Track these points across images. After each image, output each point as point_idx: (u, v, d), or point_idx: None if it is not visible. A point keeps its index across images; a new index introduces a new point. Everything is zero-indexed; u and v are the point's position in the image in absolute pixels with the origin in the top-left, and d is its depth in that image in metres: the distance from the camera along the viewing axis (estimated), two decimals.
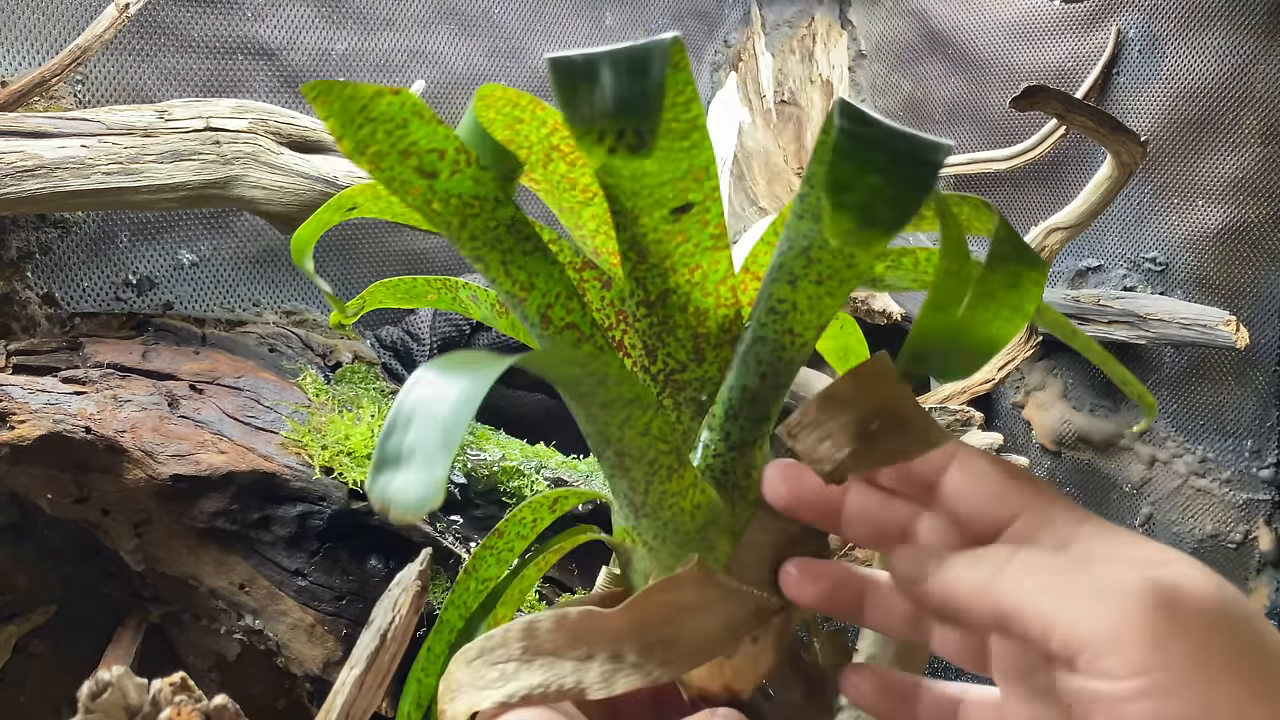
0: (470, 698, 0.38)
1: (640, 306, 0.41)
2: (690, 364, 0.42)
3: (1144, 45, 1.46)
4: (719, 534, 0.40)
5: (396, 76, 1.35)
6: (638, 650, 0.38)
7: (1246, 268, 1.43)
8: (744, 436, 0.41)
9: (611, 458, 0.39)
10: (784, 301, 0.39)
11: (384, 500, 0.28)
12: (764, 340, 0.39)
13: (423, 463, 0.28)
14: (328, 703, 0.67)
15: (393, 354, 1.27)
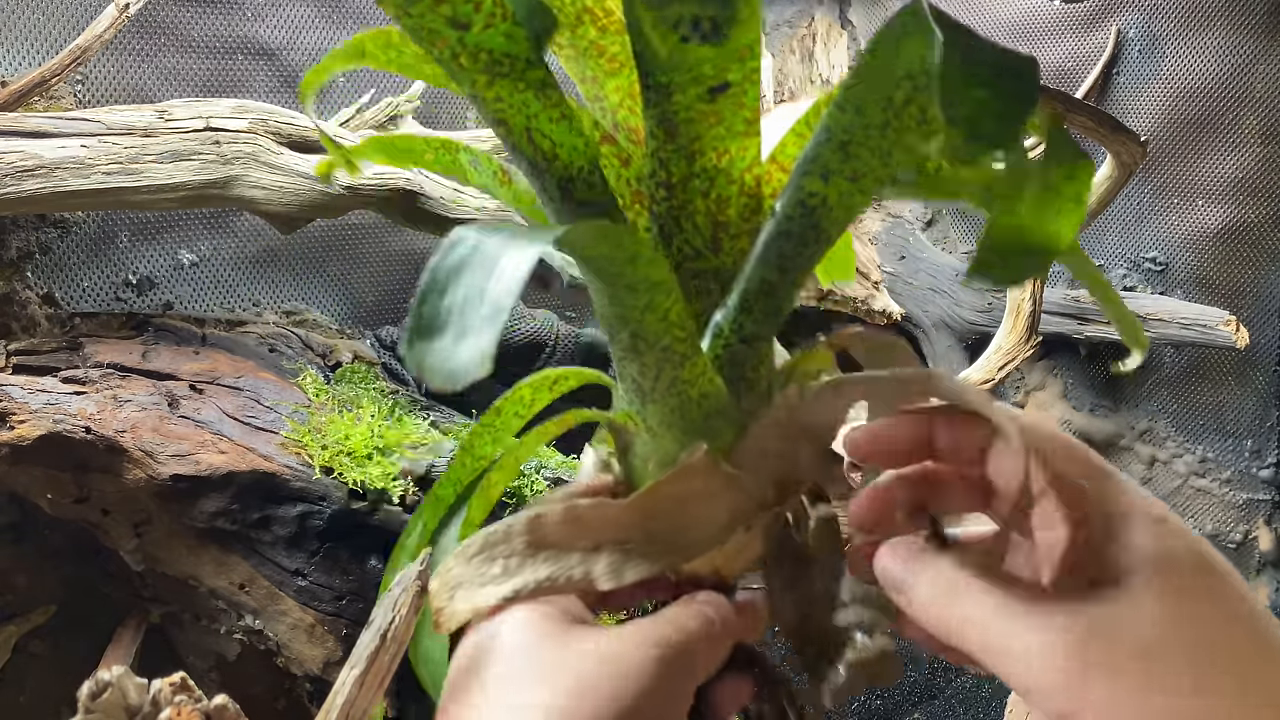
0: (471, 595, 0.37)
1: (660, 188, 0.39)
2: (706, 252, 0.40)
3: (1144, 45, 1.46)
4: (723, 424, 0.40)
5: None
6: (645, 540, 0.37)
7: (1246, 268, 1.43)
8: (756, 330, 0.39)
9: (626, 340, 0.38)
10: (815, 195, 0.37)
11: (422, 365, 0.26)
12: (789, 235, 0.37)
13: (470, 328, 0.26)
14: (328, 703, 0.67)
15: (393, 354, 1.27)
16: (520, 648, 0.35)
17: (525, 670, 0.34)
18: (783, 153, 0.42)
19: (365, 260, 1.37)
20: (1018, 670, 0.30)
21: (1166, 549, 0.31)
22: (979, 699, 1.50)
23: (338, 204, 1.03)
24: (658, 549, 0.37)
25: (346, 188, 1.02)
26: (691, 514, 0.38)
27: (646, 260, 0.34)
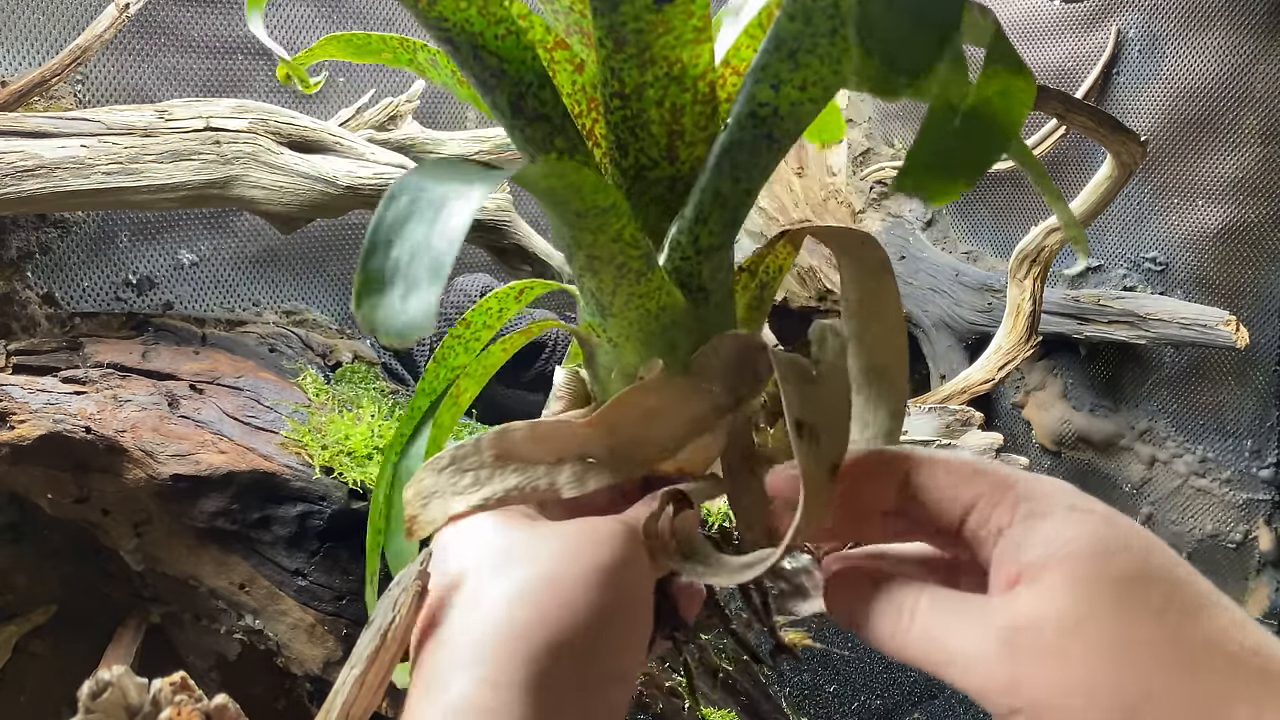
0: (443, 503, 0.39)
1: (614, 98, 0.38)
2: (662, 161, 0.40)
3: (1144, 45, 1.46)
4: (681, 334, 0.41)
5: (396, 76, 1.35)
6: (607, 452, 0.39)
7: (1246, 268, 1.43)
8: (713, 241, 0.40)
9: (582, 260, 0.39)
10: (765, 106, 0.36)
11: (371, 324, 0.26)
12: (741, 144, 0.37)
13: (414, 282, 0.26)
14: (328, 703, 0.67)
15: (393, 354, 1.27)
16: (496, 535, 0.36)
17: (503, 553, 0.35)
18: (736, 56, 0.42)
19: None
20: (963, 679, 0.32)
21: (1075, 539, 0.32)
22: None
23: (338, 204, 1.03)
24: (618, 459, 0.39)
25: (346, 188, 1.02)
26: (650, 426, 0.40)
27: (593, 188, 0.34)
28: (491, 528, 0.37)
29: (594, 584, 0.34)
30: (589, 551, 0.35)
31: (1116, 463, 1.59)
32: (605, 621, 0.34)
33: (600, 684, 0.34)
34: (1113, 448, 1.58)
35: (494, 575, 0.34)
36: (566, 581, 0.33)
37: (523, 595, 0.33)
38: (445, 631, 0.34)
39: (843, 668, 1.54)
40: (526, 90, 0.39)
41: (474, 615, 0.34)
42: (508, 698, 0.31)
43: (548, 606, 0.33)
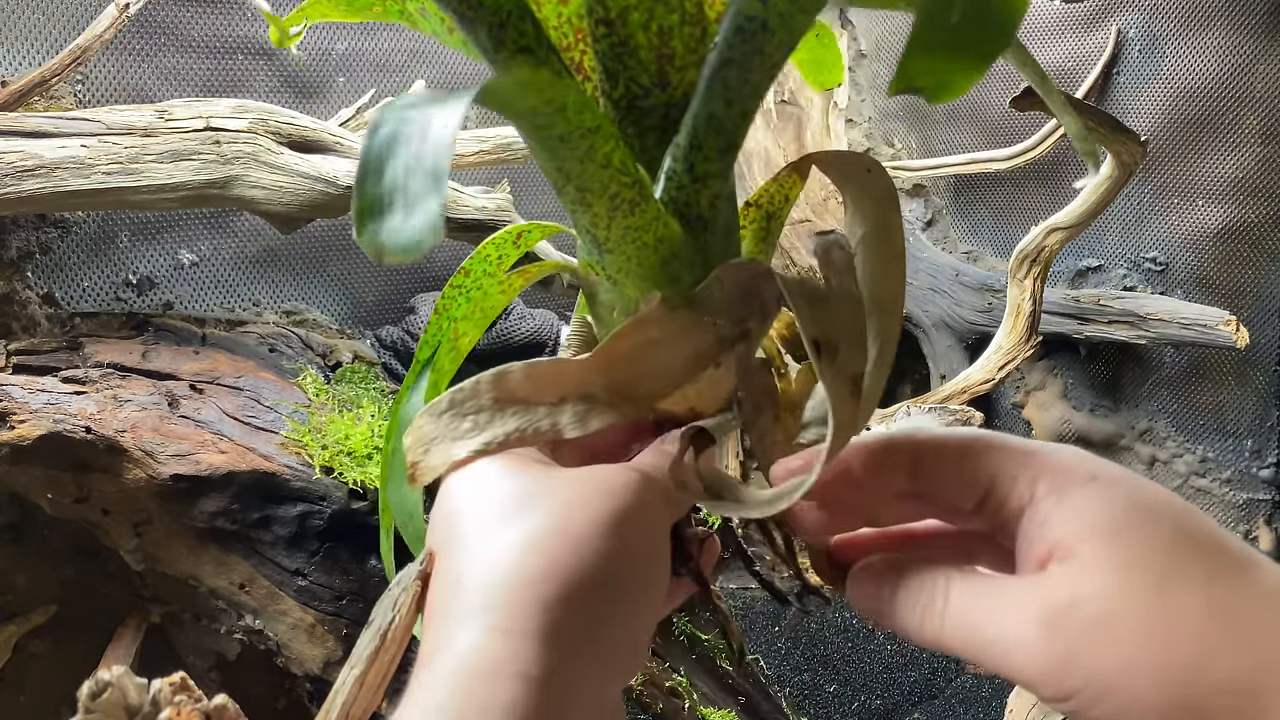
0: (445, 449, 0.38)
1: (600, 25, 0.37)
2: (654, 89, 0.39)
3: (1144, 45, 1.46)
4: (682, 266, 0.39)
5: (396, 76, 1.35)
6: (608, 389, 0.38)
7: (1246, 268, 1.43)
8: (708, 167, 0.38)
9: (572, 193, 0.37)
10: (753, 20, 0.34)
11: (376, 246, 0.26)
12: (731, 63, 0.35)
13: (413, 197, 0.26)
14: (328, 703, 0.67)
15: (393, 354, 1.27)
16: (502, 483, 0.35)
17: (511, 500, 0.34)
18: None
19: (365, 260, 1.37)
20: (1006, 664, 0.31)
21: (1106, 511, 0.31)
22: (979, 699, 1.50)
23: (338, 204, 1.03)
24: (621, 397, 0.38)
25: (346, 188, 1.02)
26: (651, 362, 0.38)
27: (576, 107, 0.32)
28: (499, 472, 0.35)
29: (606, 532, 0.33)
30: (601, 500, 0.34)
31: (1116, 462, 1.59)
32: (619, 570, 0.33)
33: (615, 632, 0.33)
34: (1113, 448, 1.58)
35: (503, 522, 0.33)
36: (578, 530, 0.32)
37: (534, 543, 0.32)
38: (453, 575, 0.33)
39: (843, 668, 1.54)
40: (506, 20, 0.37)
41: (483, 562, 0.32)
42: (520, 646, 0.30)
43: (559, 555, 0.32)
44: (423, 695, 0.31)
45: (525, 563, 0.32)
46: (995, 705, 1.44)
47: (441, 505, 0.36)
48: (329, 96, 1.29)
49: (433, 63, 1.40)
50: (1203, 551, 0.30)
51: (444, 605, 0.33)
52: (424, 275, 1.42)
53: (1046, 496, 0.32)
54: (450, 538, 0.35)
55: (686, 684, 0.98)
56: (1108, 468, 0.33)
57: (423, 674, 0.32)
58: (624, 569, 0.33)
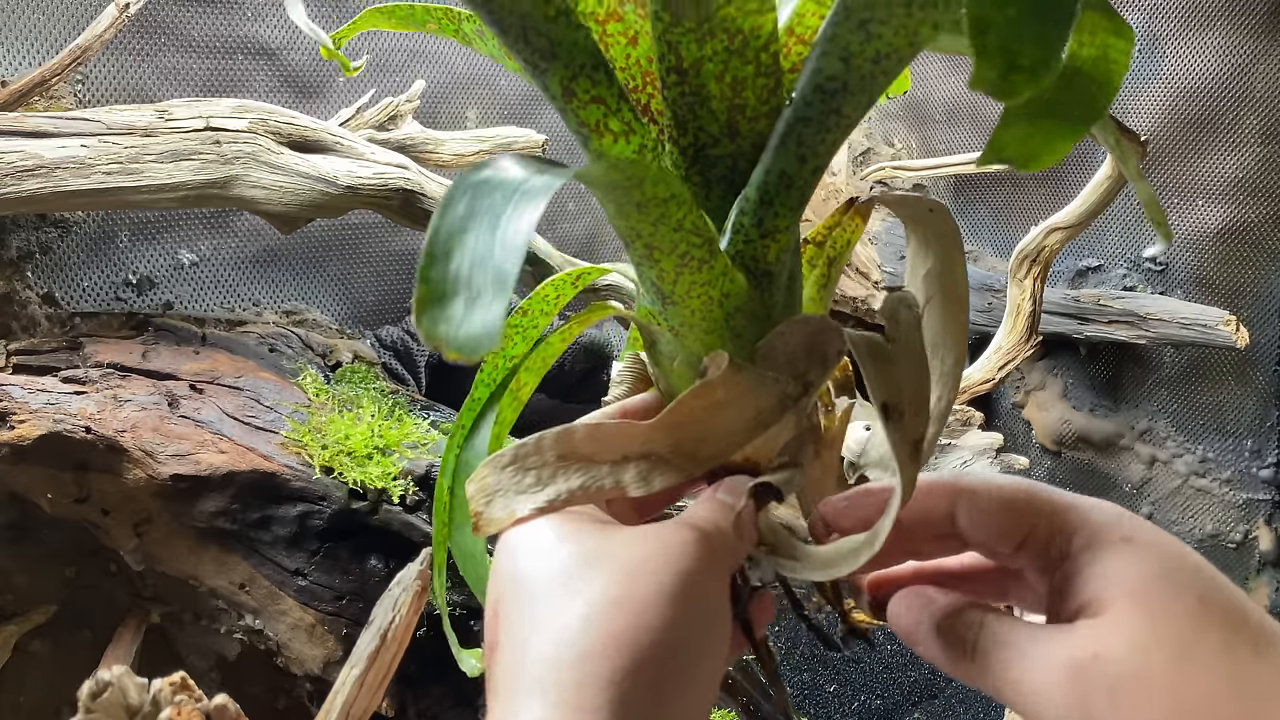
0: (508, 502, 0.38)
1: (671, 73, 0.36)
2: (723, 138, 0.38)
3: (1144, 45, 1.46)
4: (745, 320, 0.39)
5: (396, 76, 1.35)
6: (672, 450, 0.38)
7: (1246, 268, 1.43)
8: (778, 223, 0.38)
9: (641, 249, 0.37)
10: (834, 79, 0.34)
11: (436, 340, 0.25)
12: (808, 121, 0.35)
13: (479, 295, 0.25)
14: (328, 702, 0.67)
15: (393, 354, 1.27)
16: (565, 544, 0.35)
17: (574, 564, 0.34)
18: (800, 24, 0.40)
19: (365, 260, 1.37)
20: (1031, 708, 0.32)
21: (1137, 574, 0.33)
22: (979, 699, 1.50)
23: (338, 204, 1.03)
24: (684, 457, 0.38)
25: (346, 188, 1.02)
26: (716, 422, 0.38)
27: (655, 179, 0.33)
28: (560, 534, 0.35)
29: (670, 599, 0.33)
30: (663, 564, 0.33)
31: (1116, 463, 1.58)
32: (684, 635, 0.33)
33: (684, 697, 0.33)
34: (1113, 448, 1.58)
35: (566, 590, 0.33)
36: (641, 598, 0.32)
37: (597, 615, 0.32)
38: (518, 642, 0.33)
39: (843, 668, 1.54)
40: (579, 72, 0.37)
41: (548, 633, 0.32)
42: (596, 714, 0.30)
43: (624, 627, 0.32)
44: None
45: (590, 636, 0.31)
46: (995, 705, 1.44)
47: (503, 565, 0.36)
48: (329, 96, 1.29)
49: (433, 62, 1.40)
50: (1225, 623, 0.31)
51: (511, 675, 0.33)
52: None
53: (1082, 553, 0.34)
54: (514, 602, 0.34)
55: None
56: (1143, 530, 0.34)
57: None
58: (688, 634, 0.33)
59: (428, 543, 0.91)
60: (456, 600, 0.94)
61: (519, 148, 1.28)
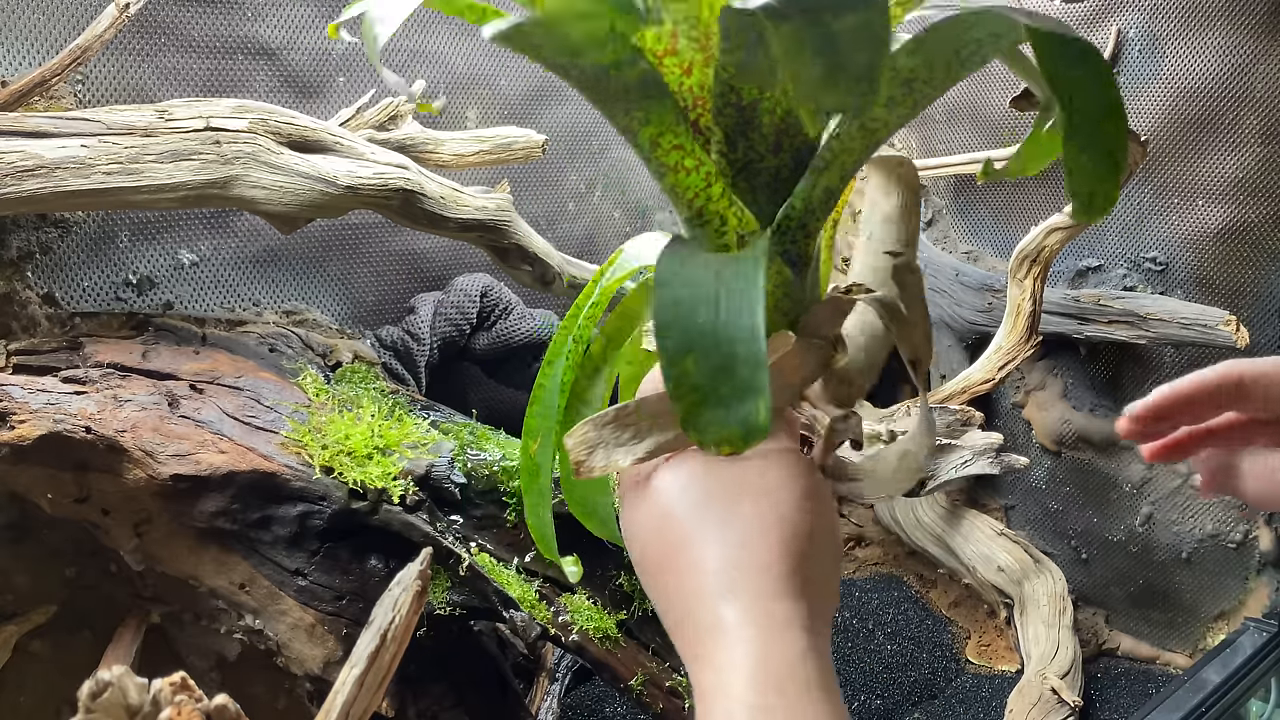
0: (609, 454, 0.46)
1: (728, 107, 0.45)
2: (768, 155, 0.48)
3: (1144, 45, 1.46)
4: (788, 300, 0.50)
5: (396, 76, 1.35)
6: None
7: (1246, 268, 1.43)
8: (818, 225, 0.49)
9: None
10: (876, 120, 0.44)
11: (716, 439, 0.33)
12: (850, 151, 0.46)
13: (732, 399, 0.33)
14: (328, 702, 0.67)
15: (393, 354, 1.27)
16: (709, 479, 0.43)
17: (722, 493, 0.42)
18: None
19: (365, 260, 1.37)
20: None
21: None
22: (979, 699, 1.50)
23: (338, 204, 1.03)
24: None
25: (346, 188, 1.02)
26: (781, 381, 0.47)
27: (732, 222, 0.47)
28: (697, 475, 0.43)
29: (803, 509, 0.42)
30: (793, 482, 0.43)
31: (1116, 462, 1.58)
32: (819, 529, 0.42)
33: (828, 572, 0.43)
34: (1113, 448, 1.58)
35: (727, 516, 0.41)
36: (787, 514, 0.41)
37: (760, 533, 0.40)
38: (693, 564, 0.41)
39: (843, 667, 1.53)
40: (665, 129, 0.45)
41: (722, 552, 0.40)
42: (791, 608, 0.39)
43: (782, 537, 0.41)
44: (730, 653, 0.38)
45: (763, 548, 0.40)
46: (995, 705, 1.44)
47: (655, 505, 0.44)
48: (329, 96, 1.29)
49: (433, 63, 1.40)
50: None
51: (695, 587, 0.40)
52: (423, 275, 1.42)
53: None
54: (675, 531, 0.42)
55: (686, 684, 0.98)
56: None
57: (708, 642, 0.39)
58: (820, 527, 0.42)
59: (428, 543, 0.91)
60: (457, 600, 0.94)
61: (519, 148, 1.28)
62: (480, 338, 1.38)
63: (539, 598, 0.94)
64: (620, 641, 0.96)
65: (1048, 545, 1.66)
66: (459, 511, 0.97)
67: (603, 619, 0.96)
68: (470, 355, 1.40)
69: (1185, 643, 1.57)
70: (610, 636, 0.95)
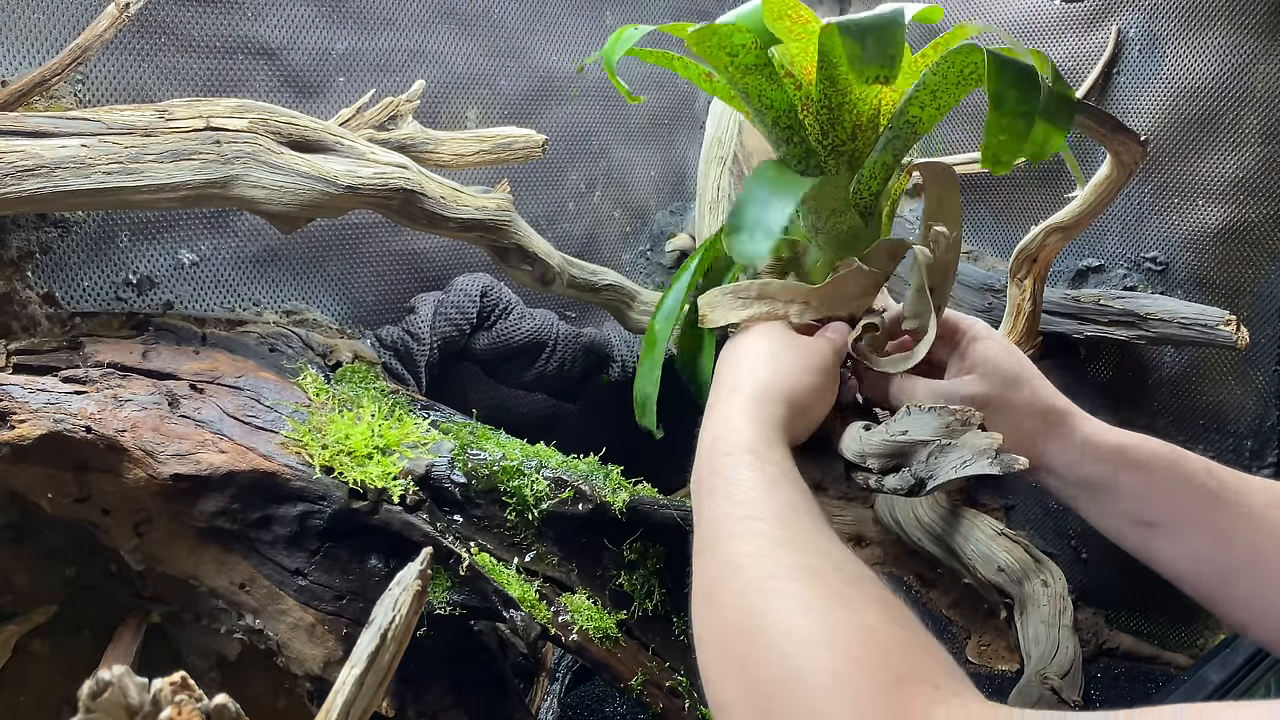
0: (726, 313, 0.80)
1: (823, 109, 0.78)
2: (848, 141, 0.80)
3: (1144, 45, 1.46)
4: (859, 240, 0.81)
5: (397, 76, 1.35)
6: (819, 301, 0.80)
7: (1246, 268, 1.43)
8: (880, 187, 0.80)
9: (811, 216, 0.81)
10: (915, 118, 0.76)
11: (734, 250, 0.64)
12: (899, 137, 0.77)
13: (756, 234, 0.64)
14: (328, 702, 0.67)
15: (393, 354, 1.27)
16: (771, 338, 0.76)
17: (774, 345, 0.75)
18: (893, 85, 0.74)
19: (365, 260, 1.37)
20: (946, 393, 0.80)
21: (988, 356, 0.81)
22: None
23: (338, 204, 1.03)
24: (824, 307, 0.81)
25: (347, 187, 1.02)
26: (842, 293, 0.80)
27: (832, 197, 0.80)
28: (767, 334, 0.76)
29: (814, 373, 0.74)
30: (815, 356, 0.75)
31: None
32: (816, 387, 0.74)
33: (807, 416, 0.73)
34: None
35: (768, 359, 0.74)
36: (801, 371, 0.73)
37: (780, 373, 0.72)
38: (736, 377, 0.72)
39: None
40: (783, 113, 0.79)
41: (755, 377, 0.71)
42: (772, 408, 0.69)
43: (792, 382, 0.72)
44: (718, 408, 0.70)
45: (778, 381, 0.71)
46: None
47: (739, 346, 0.76)
48: (329, 96, 1.29)
49: (433, 63, 1.40)
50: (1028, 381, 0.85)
51: (729, 386, 0.71)
52: (423, 275, 1.42)
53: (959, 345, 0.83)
54: (740, 360, 0.74)
55: (686, 684, 0.98)
56: (995, 335, 0.84)
57: (719, 404, 0.70)
58: (819, 386, 0.74)
59: (428, 542, 0.91)
60: (457, 600, 0.94)
61: (519, 148, 1.28)
62: (480, 338, 1.38)
63: (539, 598, 0.94)
64: (620, 641, 0.96)
65: (1048, 545, 1.66)
66: (459, 511, 0.97)
67: (603, 619, 0.96)
68: (470, 355, 1.40)
69: (1185, 643, 1.57)
70: (610, 636, 0.95)
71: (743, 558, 0.53)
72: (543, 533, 0.98)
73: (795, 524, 0.56)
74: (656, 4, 1.69)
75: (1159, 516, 0.78)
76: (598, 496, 0.97)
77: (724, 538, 0.56)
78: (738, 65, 0.74)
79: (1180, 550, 0.76)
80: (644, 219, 1.76)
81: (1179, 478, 0.79)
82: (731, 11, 0.83)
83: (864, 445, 0.77)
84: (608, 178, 1.67)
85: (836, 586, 0.49)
